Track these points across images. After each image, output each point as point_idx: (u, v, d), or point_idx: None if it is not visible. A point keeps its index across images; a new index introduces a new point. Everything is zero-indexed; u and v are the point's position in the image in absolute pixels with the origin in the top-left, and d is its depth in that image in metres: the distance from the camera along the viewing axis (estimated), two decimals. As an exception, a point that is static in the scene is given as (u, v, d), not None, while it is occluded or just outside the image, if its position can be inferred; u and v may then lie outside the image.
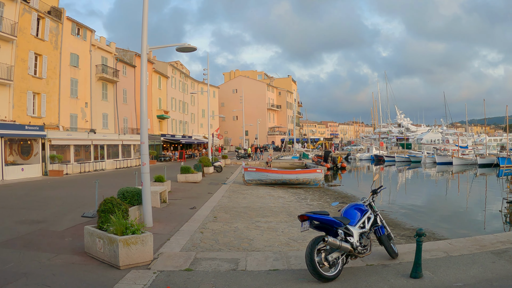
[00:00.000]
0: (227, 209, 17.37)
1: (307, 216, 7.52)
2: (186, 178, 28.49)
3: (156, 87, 63.63)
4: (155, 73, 63.40)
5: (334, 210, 16.38)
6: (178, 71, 74.48)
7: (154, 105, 62.44)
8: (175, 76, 72.12)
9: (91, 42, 45.55)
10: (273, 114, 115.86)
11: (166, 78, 67.50)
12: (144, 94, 12.96)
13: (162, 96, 65.79)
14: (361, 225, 8.21)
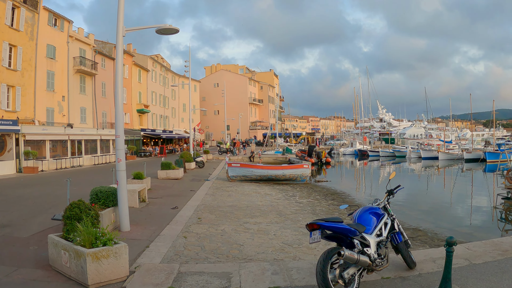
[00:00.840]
0: (211, 208, 16.03)
1: (318, 225, 6.21)
2: (167, 174, 27.08)
3: (136, 80, 61.94)
4: (135, 66, 61.70)
5: (341, 213, 15.14)
6: (159, 65, 72.78)
7: (134, 99, 60.79)
8: (155, 69, 70.42)
9: (68, 33, 43.72)
10: (255, 108, 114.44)
11: (146, 72, 65.80)
12: (119, 80, 11.53)
13: (142, 90, 64.12)
14: (378, 232, 6.93)
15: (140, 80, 63.25)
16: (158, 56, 79.84)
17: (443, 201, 25.53)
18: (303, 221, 14.75)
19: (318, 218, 6.50)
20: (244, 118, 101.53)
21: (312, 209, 18.16)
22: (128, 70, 58.78)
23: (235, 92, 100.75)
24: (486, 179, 38.61)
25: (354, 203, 21.87)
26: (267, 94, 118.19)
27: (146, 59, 67.18)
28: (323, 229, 6.20)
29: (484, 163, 51.52)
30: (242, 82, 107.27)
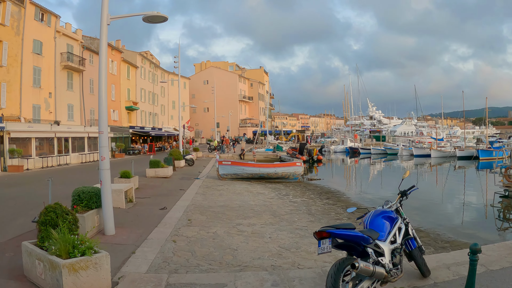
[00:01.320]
0: (202, 209, 15.25)
1: (328, 233, 5.45)
2: (156, 172, 26.23)
3: (125, 77, 60.93)
4: (124, 62, 60.68)
5: (349, 218, 14.41)
6: (148, 61, 71.78)
7: (122, 96, 59.80)
8: (144, 66, 69.42)
9: (56, 28, 42.63)
10: (244, 105, 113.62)
11: (135, 68, 64.80)
12: (103, 72, 10.73)
13: (131, 87, 63.12)
14: (392, 239, 6.19)
15: (129, 77, 62.27)
16: (147, 53, 78.88)
17: (439, 199, 24.98)
18: (298, 222, 14.04)
19: (327, 225, 5.72)
20: (234, 116, 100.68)
21: (307, 209, 17.44)
22: (117, 67, 57.81)
23: (225, 89, 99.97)
24: (480, 177, 38.18)
25: (350, 202, 21.23)
26: (257, 91, 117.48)
27: (135, 55, 66.17)
28: (334, 237, 5.45)
29: (476, 161, 51.32)
30: (232, 79, 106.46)
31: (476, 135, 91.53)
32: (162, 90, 77.79)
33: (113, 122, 55.61)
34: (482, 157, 51.85)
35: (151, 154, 54.09)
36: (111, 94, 55.95)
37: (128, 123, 61.26)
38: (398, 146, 70.05)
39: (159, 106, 76.12)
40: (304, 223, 13.90)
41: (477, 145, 62.95)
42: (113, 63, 56.64)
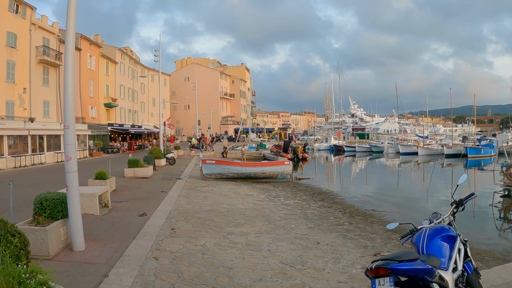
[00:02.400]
0: (187, 215, 13.56)
1: (390, 269, 3.83)
2: (135, 172, 24.42)
3: (104, 73, 58.84)
4: (103, 57, 58.58)
5: (393, 235, 12.88)
6: (128, 57, 69.71)
7: (101, 92, 57.72)
8: (124, 62, 67.37)
9: (31, 20, 40.51)
10: (226, 103, 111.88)
11: (114, 64, 62.71)
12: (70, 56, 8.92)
13: (110, 83, 61.05)
14: (454, 265, 4.59)
15: (107, 73, 60.21)
16: (127, 48, 76.80)
17: (437, 198, 23.76)
18: (297, 229, 12.45)
19: (384, 258, 4.08)
20: (215, 113, 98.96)
21: (302, 212, 15.85)
22: (95, 62, 55.74)
23: (206, 86, 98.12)
24: (476, 176, 37.08)
25: (347, 204, 19.67)
26: (239, 88, 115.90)
27: (114, 50, 64.10)
28: (397, 274, 3.85)
29: (464, 159, 50.55)
30: (213, 76, 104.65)
31: (460, 133, 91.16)
32: (142, 86, 75.86)
33: (91, 119, 53.64)
34: (470, 155, 51.09)
35: (131, 152, 52.32)
36: (89, 90, 53.97)
37: (107, 121, 59.27)
38: (383, 144, 69.34)
39: (139, 103, 74.17)
40: (303, 231, 12.32)
41: (464, 143, 62.28)
42: (91, 58, 54.57)
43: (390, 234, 13.33)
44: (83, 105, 51.74)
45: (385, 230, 13.85)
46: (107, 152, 53.14)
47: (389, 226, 5.80)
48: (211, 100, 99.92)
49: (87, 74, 53.34)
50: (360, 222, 14.95)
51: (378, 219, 16.22)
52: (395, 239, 12.56)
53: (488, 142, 59.28)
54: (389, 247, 11.24)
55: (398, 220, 16.18)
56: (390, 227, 5.74)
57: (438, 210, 5.78)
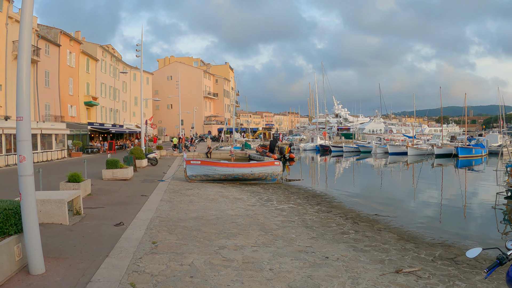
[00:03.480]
0: (170, 223, 11.73)
1: None
2: (114, 174, 22.46)
3: (84, 70, 56.62)
4: (83, 54, 56.36)
5: (407, 244, 11.34)
6: (109, 55, 67.49)
7: (81, 90, 55.51)
8: (105, 59, 65.15)
9: (8, 14, 38.26)
10: (209, 102, 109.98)
11: (95, 61, 60.47)
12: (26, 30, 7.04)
13: (90, 81, 58.82)
14: None
15: (88, 70, 58.01)
16: (108, 46, 74.57)
17: (441, 201, 22.31)
18: (299, 240, 10.73)
19: None
20: (198, 113, 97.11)
21: (300, 219, 14.12)
22: (75, 58, 53.57)
23: (189, 85, 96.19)
24: (473, 176, 36.02)
25: (346, 208, 17.92)
26: (223, 87, 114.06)
27: (95, 47, 61.85)
28: None
29: (455, 159, 49.54)
30: (197, 75, 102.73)
31: (446, 133, 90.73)
32: (124, 85, 73.77)
33: (70, 118, 51.49)
34: (461, 155, 50.05)
35: (111, 152, 50.29)
36: (69, 88, 51.82)
37: (87, 120, 57.09)
38: (371, 144, 68.25)
39: (120, 102, 72.06)
40: (306, 242, 10.60)
41: (453, 142, 61.44)
42: (71, 54, 52.40)
43: (404, 243, 11.78)
44: (62, 103, 49.59)
45: (397, 239, 12.30)
46: (87, 152, 51.03)
47: (469, 254, 4.07)
48: (194, 100, 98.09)
49: (66, 71, 51.19)
50: (366, 230, 13.27)
51: (384, 225, 14.57)
52: (411, 249, 11.04)
53: (477, 142, 58.21)
54: (409, 261, 9.73)
55: (405, 226, 14.64)
56: (471, 255, 4.01)
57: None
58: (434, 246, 11.85)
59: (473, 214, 18.42)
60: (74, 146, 47.51)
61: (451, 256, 10.67)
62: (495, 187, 22.90)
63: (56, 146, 42.80)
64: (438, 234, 13.60)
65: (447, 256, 10.64)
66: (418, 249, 11.28)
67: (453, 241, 12.65)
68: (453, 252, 11.17)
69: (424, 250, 11.15)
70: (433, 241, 12.53)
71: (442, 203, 21.67)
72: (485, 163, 47.64)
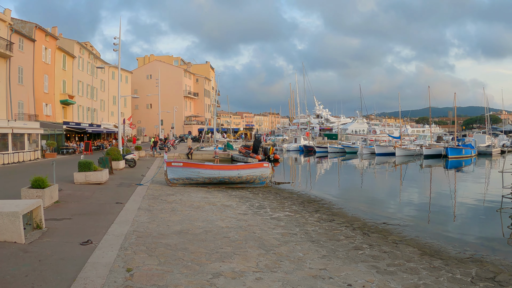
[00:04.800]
0: (150, 241, 9.61)
1: None
2: (86, 177, 20.21)
3: (60, 67, 53.87)
4: (59, 50, 53.62)
5: (434, 261, 9.56)
6: (87, 52, 64.71)
7: (57, 88, 52.79)
8: (83, 56, 62.38)
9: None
10: (190, 102, 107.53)
11: (72, 58, 57.69)
12: None
13: (67, 79, 56.06)
14: None
15: (64, 67, 55.29)
16: (87, 43, 71.81)
17: (442, 205, 20.76)
18: (308, 259, 8.79)
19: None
20: (178, 113, 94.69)
21: (302, 231, 12.13)
22: (51, 55, 50.87)
23: (169, 84, 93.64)
24: (473, 177, 34.85)
25: (348, 216, 15.94)
26: (203, 87, 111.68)
27: (72, 44, 59.05)
28: None
29: (444, 159, 48.33)
30: (177, 74, 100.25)
31: (434, 134, 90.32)
32: (102, 83, 71.11)
33: (45, 117, 48.84)
34: (451, 156, 48.77)
35: (88, 153, 47.96)
36: (44, 86, 49.17)
37: (63, 119, 54.45)
38: (356, 144, 67.06)
39: (98, 101, 69.35)
40: (317, 262, 8.64)
41: (441, 143, 60.40)
42: (46, 50, 49.74)
43: (429, 260, 10.02)
44: (36, 101, 46.94)
45: (420, 254, 10.52)
46: (62, 153, 48.46)
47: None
48: (174, 99, 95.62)
49: (41, 68, 48.55)
50: (380, 243, 11.37)
51: (398, 236, 12.71)
52: (441, 268, 9.34)
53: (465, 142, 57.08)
54: (447, 285, 7.95)
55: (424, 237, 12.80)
56: None
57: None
58: (464, 262, 10.09)
59: (476, 219, 17.27)
60: (48, 147, 44.96)
61: (490, 276, 8.98)
62: (497, 189, 21.43)
63: (29, 147, 40.27)
64: (459, 245, 12.05)
65: (485, 276, 8.93)
66: (448, 266, 9.50)
67: (482, 254, 11.01)
68: (489, 269, 9.49)
69: (457, 268, 9.34)
70: (459, 255, 10.80)
71: (445, 207, 20.31)
72: (474, 164, 46.62)
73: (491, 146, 59.56)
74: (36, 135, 42.25)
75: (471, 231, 14.53)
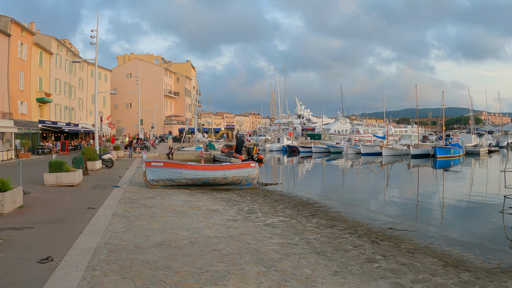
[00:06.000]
0: (124, 256, 7.91)
1: None
2: (58, 179, 18.36)
3: (37, 64, 51.54)
4: (36, 46, 51.29)
5: (462, 274, 8.14)
6: (65, 49, 62.40)
7: (33, 86, 50.49)
8: (61, 53, 60.05)
9: None
10: (170, 101, 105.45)
11: (49, 55, 55.36)
12: None
13: (44, 76, 53.75)
14: None
15: (41, 64, 52.99)
16: (65, 41, 69.53)
17: (441, 205, 19.78)
18: (319, 278, 7.24)
19: None
20: (159, 112, 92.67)
21: (303, 240, 10.51)
22: (27, 51, 48.57)
23: (149, 83, 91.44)
24: (472, 177, 34.10)
25: (349, 221, 14.38)
26: (184, 86, 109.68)
27: (50, 40, 56.69)
28: None
29: (433, 159, 47.53)
30: (157, 73, 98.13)
31: (423, 133, 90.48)
32: (81, 82, 68.85)
33: (20, 115, 46.60)
34: (439, 155, 47.90)
35: (64, 153, 45.93)
36: (19, 83, 46.91)
37: (39, 117, 52.22)
38: (340, 144, 66.26)
39: (76, 100, 67.04)
40: (332, 282, 7.09)
41: (426, 142, 59.77)
42: (22, 46, 47.44)
43: (456, 273, 8.83)
44: (11, 99, 44.68)
45: (443, 266, 9.21)
46: (37, 153, 46.30)
47: None
48: (154, 98, 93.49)
49: (17, 64, 46.25)
50: (395, 253, 9.91)
51: (411, 244, 11.31)
52: (474, 282, 8.12)
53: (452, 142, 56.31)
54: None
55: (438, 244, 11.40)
56: None
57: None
58: (494, 273, 8.85)
59: (478, 220, 16.52)
60: (22, 146, 42.82)
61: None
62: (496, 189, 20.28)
63: (2, 146, 38.13)
64: (480, 252, 10.87)
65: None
66: (480, 280, 8.22)
67: (509, 263, 9.89)
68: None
69: (490, 282, 8.04)
70: (485, 265, 9.57)
71: (445, 208, 19.21)
72: (461, 163, 45.82)
73: (479, 145, 59.01)
74: (10, 134, 40.08)
75: (483, 235, 13.44)
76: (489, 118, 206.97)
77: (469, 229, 14.38)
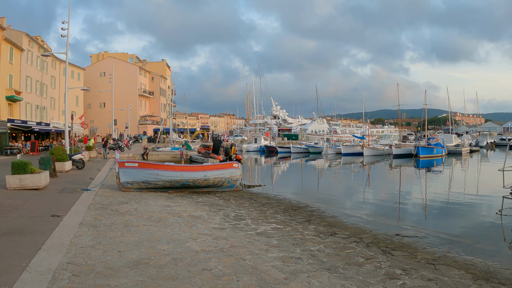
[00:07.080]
0: (90, 282, 6.23)
1: None
2: (21, 181, 16.46)
3: (7, 60, 49.08)
4: (6, 42, 48.84)
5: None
6: (37, 45, 59.91)
7: (2, 83, 48.03)
8: (32, 50, 57.59)
9: None
10: (145, 101, 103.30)
11: (20, 51, 52.89)
12: None
13: (14, 73, 51.32)
14: None
15: (11, 61, 50.55)
16: (38, 38, 67.04)
17: (440, 207, 18.91)
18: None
19: None
20: (133, 112, 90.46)
21: (306, 253, 8.96)
22: (-4, 45, 46.42)
23: (123, 82, 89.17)
24: (471, 176, 33.22)
25: (349, 227, 12.89)
26: (159, 86, 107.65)
27: (21, 36, 54.22)
28: None
29: (415, 159, 46.95)
30: (132, 72, 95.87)
31: (403, 134, 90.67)
32: (53, 80, 66.43)
33: (-12, 114, 44.39)
34: (422, 155, 47.26)
35: (34, 154, 43.83)
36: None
37: (8, 116, 49.89)
38: (319, 144, 65.52)
39: (48, 99, 64.61)
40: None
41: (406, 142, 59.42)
42: (-9, 40, 45.24)
43: (488, 285, 7.49)
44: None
45: (473, 280, 8.04)
46: (6, 154, 44.04)
47: None
48: (129, 98, 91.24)
49: (-15, 60, 44.07)
50: (415, 266, 8.57)
51: (427, 253, 10.10)
52: None
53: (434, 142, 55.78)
54: None
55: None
56: None
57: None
58: None
59: (474, 221, 15.77)
60: (-14, 146, 40.64)
61: None
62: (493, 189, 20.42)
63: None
64: (505, 261, 9.79)
65: None
66: None
67: None
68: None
69: None
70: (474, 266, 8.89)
71: (445, 209, 18.53)
72: (444, 163, 45.18)
73: (461, 145, 58.74)
74: (-27, 134, 37.91)
75: (497, 241, 12.50)
76: (463, 119, 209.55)
77: (482, 234, 13.32)
